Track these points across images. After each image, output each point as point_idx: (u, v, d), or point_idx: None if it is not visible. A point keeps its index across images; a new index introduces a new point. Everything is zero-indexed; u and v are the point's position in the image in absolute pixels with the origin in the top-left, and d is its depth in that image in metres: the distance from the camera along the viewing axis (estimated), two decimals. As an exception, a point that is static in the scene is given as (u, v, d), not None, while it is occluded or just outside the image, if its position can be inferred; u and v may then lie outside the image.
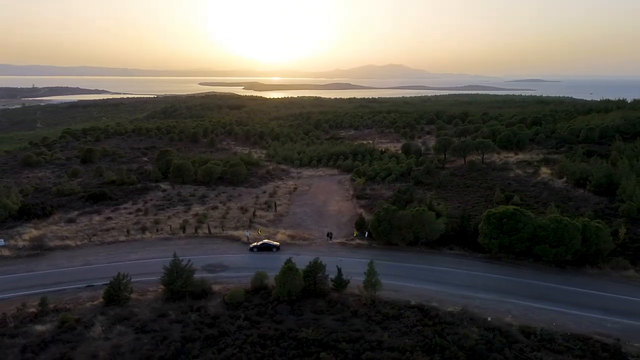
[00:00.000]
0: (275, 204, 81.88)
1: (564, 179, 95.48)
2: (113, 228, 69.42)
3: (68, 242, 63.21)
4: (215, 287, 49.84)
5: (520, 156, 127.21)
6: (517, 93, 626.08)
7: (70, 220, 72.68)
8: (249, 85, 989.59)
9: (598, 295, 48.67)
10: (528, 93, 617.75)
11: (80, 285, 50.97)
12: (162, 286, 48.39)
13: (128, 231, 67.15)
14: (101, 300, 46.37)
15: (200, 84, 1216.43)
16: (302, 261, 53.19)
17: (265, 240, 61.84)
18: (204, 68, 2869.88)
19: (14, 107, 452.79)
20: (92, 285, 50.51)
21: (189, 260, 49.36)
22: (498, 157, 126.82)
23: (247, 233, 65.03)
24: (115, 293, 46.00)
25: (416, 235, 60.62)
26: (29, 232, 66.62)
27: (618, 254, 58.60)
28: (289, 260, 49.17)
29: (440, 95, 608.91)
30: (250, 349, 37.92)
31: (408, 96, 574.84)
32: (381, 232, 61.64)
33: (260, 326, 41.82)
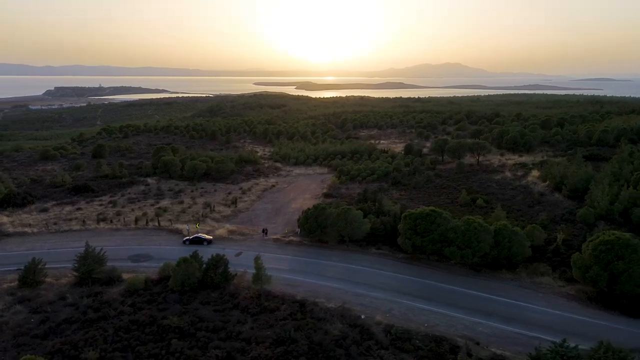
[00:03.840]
0: (236, 199, 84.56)
1: (547, 182, 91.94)
2: (76, 218, 74.55)
3: (27, 229, 68.79)
4: (127, 276, 52.89)
5: (524, 158, 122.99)
6: (580, 93, 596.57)
7: (44, 210, 78.64)
8: (301, 85, 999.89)
9: (492, 299, 47.73)
10: (594, 93, 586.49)
11: (11, 268, 55.68)
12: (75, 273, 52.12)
13: (84, 221, 72.06)
14: (17, 282, 50.68)
15: (255, 83, 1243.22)
16: (229, 255, 56.37)
17: (198, 234, 64.56)
18: (260, 68, 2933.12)
19: (79, 106, 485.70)
20: (21, 269, 54.92)
21: (102, 249, 52.94)
22: (500, 159, 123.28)
23: (187, 227, 68.08)
24: (29, 277, 50.20)
25: (340, 234, 61.16)
26: (0, 218, 72.89)
27: (547, 259, 56.81)
28: (194, 253, 51.72)
29: (493, 95, 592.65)
30: (113, 332, 40.64)
31: (460, 96, 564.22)
32: (308, 229, 62.80)
33: (140, 312, 44.47)
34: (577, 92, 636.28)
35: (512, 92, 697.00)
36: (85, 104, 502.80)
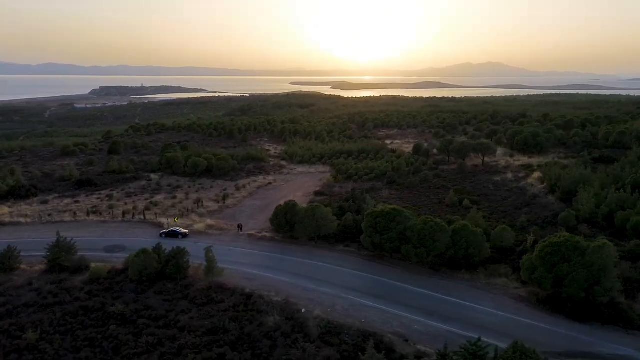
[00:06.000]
0: (225, 196, 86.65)
1: (544, 184, 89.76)
2: (70, 210, 78.36)
3: (22, 219, 72.97)
4: (95, 265, 55.45)
5: (533, 159, 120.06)
6: (626, 93, 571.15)
7: (44, 202, 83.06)
8: (336, 85, 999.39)
9: (440, 299, 47.69)
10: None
11: (-5, 256, 59.25)
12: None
13: (75, 213, 75.73)
14: (-7, 268, 54.12)
15: (292, 83, 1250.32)
16: (199, 248, 58.37)
17: (174, 228, 66.86)
18: (298, 68, 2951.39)
19: (120, 104, 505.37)
20: (1, 256, 58.49)
21: (72, 239, 55.81)
22: (507, 160, 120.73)
23: (168, 220, 70.51)
24: (5, 263, 53.55)
25: (307, 230, 61.95)
26: (2, 209, 77.51)
27: (512, 261, 55.88)
28: (157, 245, 53.97)
29: (533, 95, 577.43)
30: (61, 317, 43.12)
31: (497, 96, 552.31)
32: (277, 225, 64.02)
33: (93, 300, 46.81)
34: (624, 92, 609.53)
35: (553, 92, 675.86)
36: (126, 103, 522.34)
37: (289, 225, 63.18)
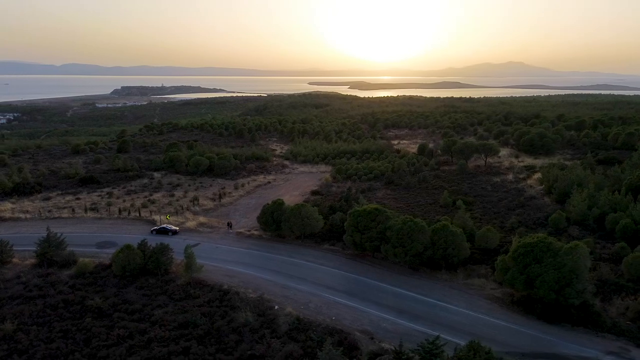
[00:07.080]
0: (221, 194, 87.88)
1: (543, 186, 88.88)
2: (70, 207, 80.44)
3: (22, 215, 75.22)
4: (82, 259, 56.96)
5: (539, 161, 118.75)
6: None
7: (46, 199, 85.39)
8: (354, 85, 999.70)
9: (414, 298, 47.91)
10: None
11: (-9, 249, 61.35)
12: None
13: (73, 209, 77.75)
14: (-15, 261, 56.11)
15: (310, 83, 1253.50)
16: (186, 245, 59.56)
17: (164, 225, 68.21)
18: (317, 68, 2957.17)
19: (140, 104, 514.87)
20: (-3, 250, 60.52)
21: (61, 234, 57.50)
22: (512, 161, 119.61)
23: (160, 218, 71.94)
24: (-3, 257, 55.52)
25: (291, 229, 62.63)
26: (4, 205, 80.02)
27: (494, 262, 55.58)
28: (142, 241, 55.32)
29: (554, 95, 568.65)
30: (41, 309, 44.63)
31: (517, 96, 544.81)
32: (264, 223, 64.85)
33: (74, 293, 48.25)
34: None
35: (576, 92, 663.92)
36: (146, 103, 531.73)
37: (275, 224, 63.99)
